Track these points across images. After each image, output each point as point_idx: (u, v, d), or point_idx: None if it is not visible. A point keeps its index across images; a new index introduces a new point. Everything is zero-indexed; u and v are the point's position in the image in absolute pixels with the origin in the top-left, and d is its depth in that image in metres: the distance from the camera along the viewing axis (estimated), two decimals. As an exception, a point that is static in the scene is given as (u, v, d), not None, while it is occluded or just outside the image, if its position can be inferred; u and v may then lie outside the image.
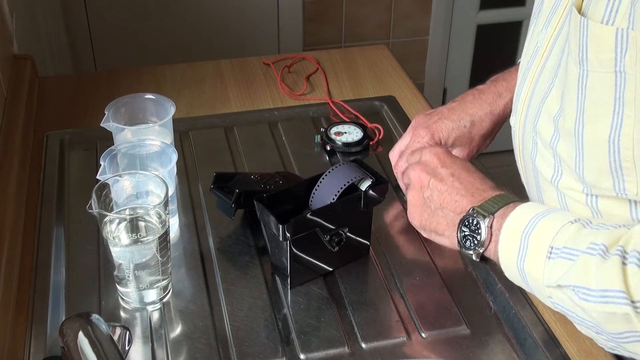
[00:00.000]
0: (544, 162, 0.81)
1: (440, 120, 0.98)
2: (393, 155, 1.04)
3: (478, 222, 0.78)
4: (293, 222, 0.83)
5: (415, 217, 0.88)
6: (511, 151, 0.91)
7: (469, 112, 0.98)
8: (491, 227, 0.77)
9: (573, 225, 0.69)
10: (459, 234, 0.81)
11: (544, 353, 0.82)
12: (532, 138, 0.83)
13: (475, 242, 0.78)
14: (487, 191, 0.81)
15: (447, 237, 0.84)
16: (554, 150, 0.78)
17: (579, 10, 0.69)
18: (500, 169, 2.71)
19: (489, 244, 0.77)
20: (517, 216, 0.74)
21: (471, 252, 0.79)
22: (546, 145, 0.79)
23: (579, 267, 0.65)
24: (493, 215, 0.77)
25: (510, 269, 0.75)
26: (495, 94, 0.99)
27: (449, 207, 0.83)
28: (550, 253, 0.69)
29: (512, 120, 0.89)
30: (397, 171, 1.02)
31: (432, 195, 0.85)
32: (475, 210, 0.79)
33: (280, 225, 0.83)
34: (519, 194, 0.89)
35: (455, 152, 0.99)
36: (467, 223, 0.79)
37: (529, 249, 0.71)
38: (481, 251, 0.78)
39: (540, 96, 0.80)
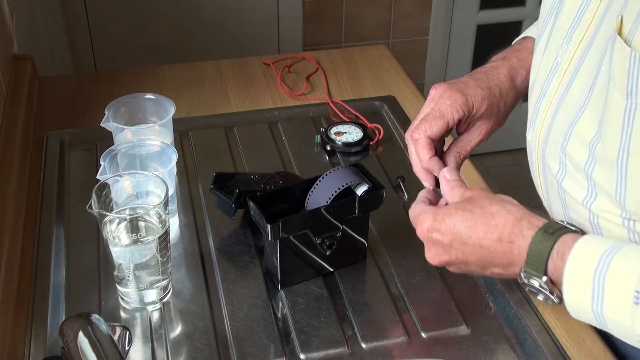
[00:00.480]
0: (574, 184, 0.78)
1: (473, 87, 0.88)
2: (411, 126, 0.88)
3: (538, 284, 0.71)
4: (281, 222, 0.83)
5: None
6: (511, 151, 0.91)
7: (495, 82, 0.90)
8: (552, 282, 0.71)
9: None
10: (526, 289, 0.75)
11: (543, 353, 0.82)
12: (560, 159, 0.79)
13: (544, 298, 0.72)
14: (517, 241, 0.73)
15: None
16: (588, 174, 0.75)
17: (619, 32, 0.66)
18: (500, 169, 2.71)
19: (559, 294, 0.71)
20: (580, 257, 0.68)
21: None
22: (578, 169, 0.76)
23: None
24: (546, 273, 0.70)
25: (583, 312, 0.69)
26: (510, 69, 0.92)
27: (494, 271, 0.76)
28: (638, 298, 0.63)
29: (529, 135, 0.85)
30: (419, 135, 0.86)
31: (464, 268, 0.79)
32: (526, 274, 0.72)
33: (269, 225, 0.83)
34: (519, 194, 0.89)
35: (479, 124, 0.89)
36: (526, 285, 0.73)
37: (607, 293, 0.65)
38: (556, 302, 0.72)
39: (568, 117, 0.77)
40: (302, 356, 0.82)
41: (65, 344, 0.71)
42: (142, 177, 0.90)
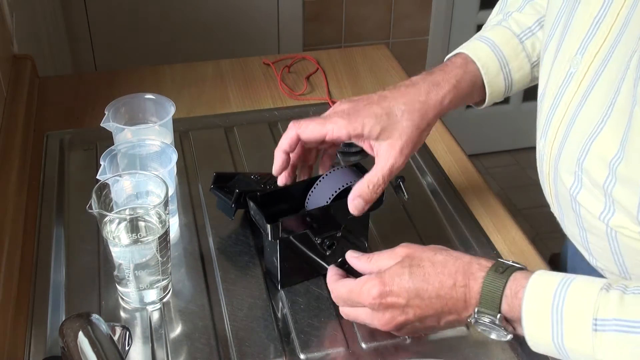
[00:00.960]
0: (591, 199, 0.77)
1: (368, 106, 0.85)
2: (304, 125, 0.85)
3: (491, 322, 0.72)
4: (281, 222, 0.83)
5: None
6: (511, 151, 0.90)
7: (402, 100, 0.86)
8: (506, 319, 0.71)
9: (611, 293, 0.66)
10: (477, 329, 0.75)
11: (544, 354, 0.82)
12: (575, 173, 0.78)
13: (497, 335, 0.73)
14: (469, 284, 0.73)
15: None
16: (608, 192, 0.74)
17: None
18: (500, 169, 2.71)
19: (512, 329, 0.72)
20: (536, 293, 0.69)
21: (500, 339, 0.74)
22: (596, 186, 0.75)
23: None
24: (500, 311, 0.71)
25: (544, 345, 0.69)
26: (431, 83, 0.88)
27: (449, 319, 0.76)
28: (596, 326, 0.65)
29: (541, 144, 0.84)
30: (290, 131, 0.85)
31: (418, 326, 0.78)
32: (480, 313, 0.72)
33: (269, 225, 0.83)
34: (519, 194, 0.88)
35: (385, 146, 0.84)
36: (478, 324, 0.74)
37: (566, 324, 0.66)
38: (509, 338, 0.73)
39: (585, 131, 0.76)
40: (302, 356, 0.83)
41: (65, 344, 0.71)
42: (142, 177, 0.90)
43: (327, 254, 0.89)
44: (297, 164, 0.90)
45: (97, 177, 0.89)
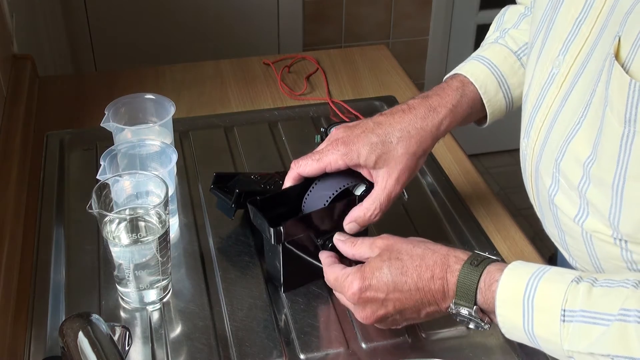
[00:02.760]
0: (567, 201, 0.78)
1: (364, 135, 0.85)
2: (303, 163, 0.87)
3: (468, 313, 0.74)
4: (285, 226, 0.83)
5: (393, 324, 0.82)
6: (511, 151, 0.90)
7: (398, 127, 0.85)
8: (482, 310, 0.74)
9: (580, 285, 0.67)
10: (456, 319, 0.76)
11: (543, 353, 0.82)
12: (553, 174, 0.79)
13: (475, 325, 0.75)
14: (446, 276, 0.75)
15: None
16: (582, 194, 0.75)
17: (616, 55, 0.66)
18: (500, 169, 2.71)
19: (490, 320, 0.74)
20: (509, 284, 0.71)
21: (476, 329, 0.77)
22: (572, 187, 0.76)
23: (615, 334, 0.63)
24: (476, 303, 0.73)
25: (515, 333, 0.72)
26: (427, 109, 0.88)
27: (429, 310, 0.77)
28: (564, 316, 0.66)
29: (524, 143, 0.85)
30: (292, 168, 0.88)
31: (398, 318, 0.79)
32: (457, 305, 0.74)
33: (272, 229, 0.83)
34: (519, 194, 0.89)
35: (382, 174, 0.85)
36: (457, 316, 0.75)
37: (536, 313, 0.68)
38: (487, 328, 0.75)
39: (563, 133, 0.76)
40: (302, 356, 0.82)
41: (65, 344, 0.71)
42: (142, 177, 0.90)
43: None
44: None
45: (97, 177, 0.89)
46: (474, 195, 1.08)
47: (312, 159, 0.86)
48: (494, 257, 0.75)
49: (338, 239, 0.86)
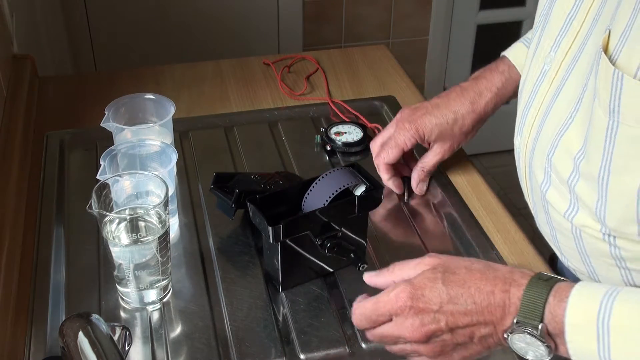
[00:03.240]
0: (558, 196, 0.77)
1: (425, 116, 1.02)
2: (375, 145, 1.07)
3: (531, 335, 0.66)
4: (283, 224, 0.83)
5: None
6: (511, 151, 0.90)
7: (452, 109, 1.02)
8: (548, 332, 0.66)
9: None
10: (513, 347, 0.68)
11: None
12: (545, 169, 0.79)
13: (537, 352, 0.67)
14: (511, 290, 0.68)
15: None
16: (571, 188, 0.74)
17: (605, 48, 0.66)
18: (500, 169, 2.71)
19: (554, 346, 0.66)
20: (581, 302, 0.64)
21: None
22: (562, 182, 0.76)
23: None
24: (542, 320, 0.65)
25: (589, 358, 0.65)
26: (476, 92, 1.02)
27: (483, 333, 0.69)
28: None
29: (517, 141, 0.86)
30: (379, 162, 1.06)
31: (448, 340, 0.70)
32: (519, 324, 0.66)
33: (270, 227, 0.83)
34: (519, 194, 0.89)
35: (436, 146, 1.05)
36: (517, 342, 0.67)
37: (612, 337, 0.62)
38: (549, 356, 0.67)
39: (555, 128, 0.77)
40: (302, 356, 0.82)
41: (65, 344, 0.71)
42: (142, 177, 0.90)
43: (328, 254, 0.89)
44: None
45: (97, 177, 0.89)
46: (474, 195, 1.08)
47: (389, 147, 1.04)
48: (563, 278, 0.68)
49: (370, 277, 0.77)
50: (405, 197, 1.07)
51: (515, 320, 0.66)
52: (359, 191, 0.89)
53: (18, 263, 0.94)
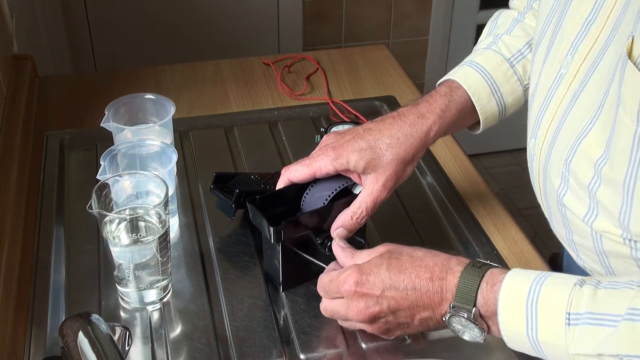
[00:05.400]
0: (576, 201, 0.77)
1: (353, 141, 0.86)
2: (293, 169, 0.88)
3: (466, 317, 0.72)
4: (284, 225, 0.83)
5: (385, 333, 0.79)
6: (511, 151, 0.90)
7: (387, 133, 0.87)
8: (480, 315, 0.71)
9: (584, 288, 0.66)
10: (451, 328, 0.75)
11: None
12: (562, 174, 0.78)
13: (470, 335, 0.74)
14: (447, 277, 0.73)
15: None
16: (592, 193, 0.74)
17: (629, 54, 0.66)
18: (500, 169, 2.71)
19: (487, 328, 0.72)
20: (511, 287, 0.70)
21: (473, 340, 0.75)
22: (582, 187, 0.76)
23: (623, 334, 0.63)
24: (475, 305, 0.71)
25: (518, 340, 0.70)
26: (416, 115, 0.89)
27: (423, 316, 0.75)
28: (569, 320, 0.66)
29: (531, 144, 0.85)
30: (283, 173, 0.88)
31: (391, 321, 0.77)
32: (455, 309, 0.72)
33: (271, 228, 0.83)
34: (519, 194, 0.88)
35: (369, 180, 0.86)
36: (452, 323, 0.74)
37: (540, 318, 0.67)
38: (482, 339, 0.74)
39: (573, 132, 0.76)
40: (302, 356, 0.83)
41: (65, 344, 0.71)
42: (142, 177, 0.90)
43: (328, 253, 0.89)
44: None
45: (97, 177, 0.89)
46: (474, 195, 1.09)
47: (302, 165, 0.87)
48: (496, 265, 0.73)
49: (337, 246, 0.84)
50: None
51: (451, 305, 0.72)
52: (358, 190, 0.89)
53: (18, 263, 0.94)
